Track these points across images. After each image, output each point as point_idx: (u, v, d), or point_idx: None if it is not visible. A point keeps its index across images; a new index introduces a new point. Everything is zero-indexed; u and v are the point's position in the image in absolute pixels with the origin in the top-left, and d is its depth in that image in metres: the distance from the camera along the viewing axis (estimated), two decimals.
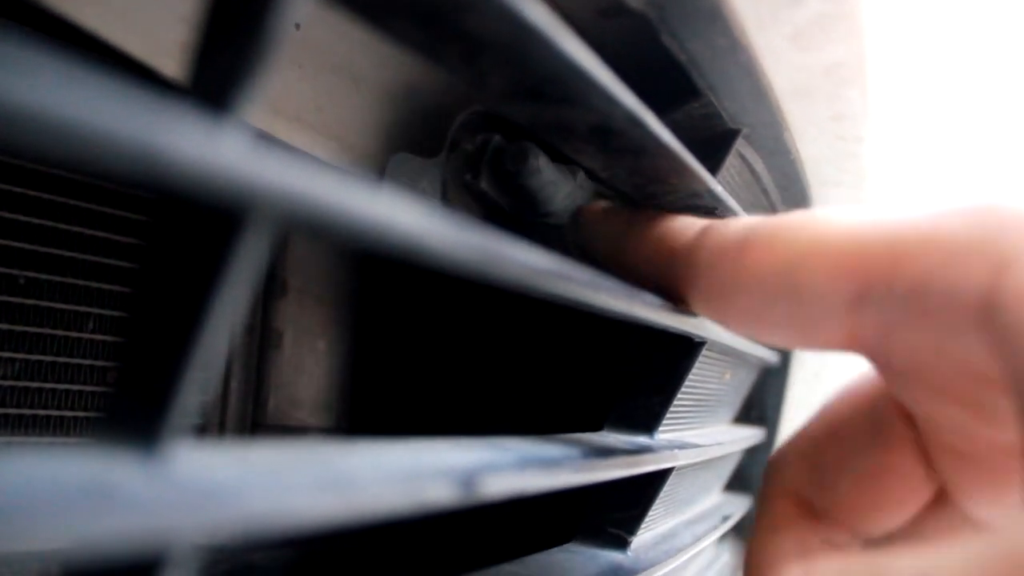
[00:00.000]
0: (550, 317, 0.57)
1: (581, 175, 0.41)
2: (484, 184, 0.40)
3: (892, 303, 0.23)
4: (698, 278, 0.29)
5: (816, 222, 0.25)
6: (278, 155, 0.15)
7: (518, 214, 0.41)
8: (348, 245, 0.18)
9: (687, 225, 0.31)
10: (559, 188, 0.40)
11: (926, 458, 0.26)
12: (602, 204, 0.38)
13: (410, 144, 0.43)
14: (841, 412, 0.29)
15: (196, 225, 0.15)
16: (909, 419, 0.27)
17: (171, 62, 0.32)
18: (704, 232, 0.29)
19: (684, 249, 0.30)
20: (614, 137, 0.29)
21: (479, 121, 0.43)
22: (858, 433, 0.28)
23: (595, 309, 0.27)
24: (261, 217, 0.15)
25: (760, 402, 0.65)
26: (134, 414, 0.16)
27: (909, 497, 0.27)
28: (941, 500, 0.27)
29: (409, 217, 0.17)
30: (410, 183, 0.39)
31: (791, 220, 0.26)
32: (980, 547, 0.18)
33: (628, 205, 0.35)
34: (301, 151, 0.16)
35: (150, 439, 0.16)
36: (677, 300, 0.31)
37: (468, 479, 0.21)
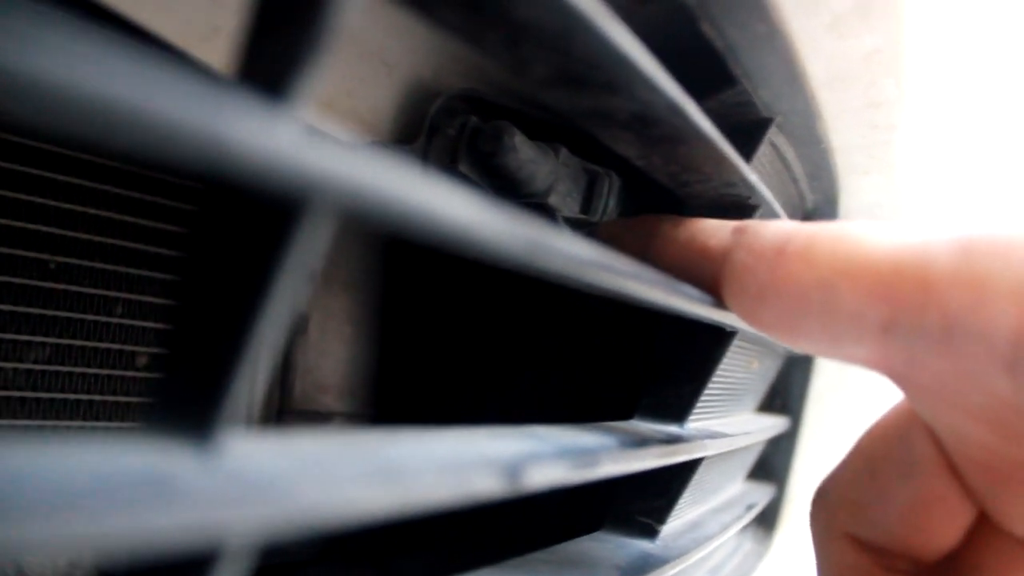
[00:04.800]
0: (580, 304, 0.57)
1: (564, 152, 0.40)
2: (463, 167, 0.39)
3: (921, 335, 0.23)
4: (732, 280, 0.29)
5: (852, 238, 0.25)
6: (334, 145, 0.14)
7: (501, 196, 0.41)
8: (399, 235, 0.18)
9: (719, 226, 0.31)
10: (539, 166, 0.39)
11: (960, 480, 0.26)
12: (617, 220, 0.38)
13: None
14: (874, 447, 0.29)
15: (253, 214, 0.15)
16: (940, 446, 0.27)
17: (206, 46, 0.32)
18: (739, 233, 0.29)
19: (718, 249, 0.30)
20: (653, 125, 0.29)
21: (459, 105, 0.43)
22: (893, 466, 0.28)
23: (635, 300, 0.26)
24: (318, 207, 0.15)
25: (784, 390, 0.65)
26: (188, 403, 0.16)
27: (950, 521, 0.27)
28: (986, 523, 0.27)
29: (462, 208, 0.17)
30: None
31: (828, 232, 0.26)
32: None
33: (646, 215, 0.35)
34: (355, 140, 0.15)
35: (204, 429, 0.15)
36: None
37: (513, 470, 0.21)
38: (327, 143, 0.14)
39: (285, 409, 0.48)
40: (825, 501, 0.30)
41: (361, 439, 0.20)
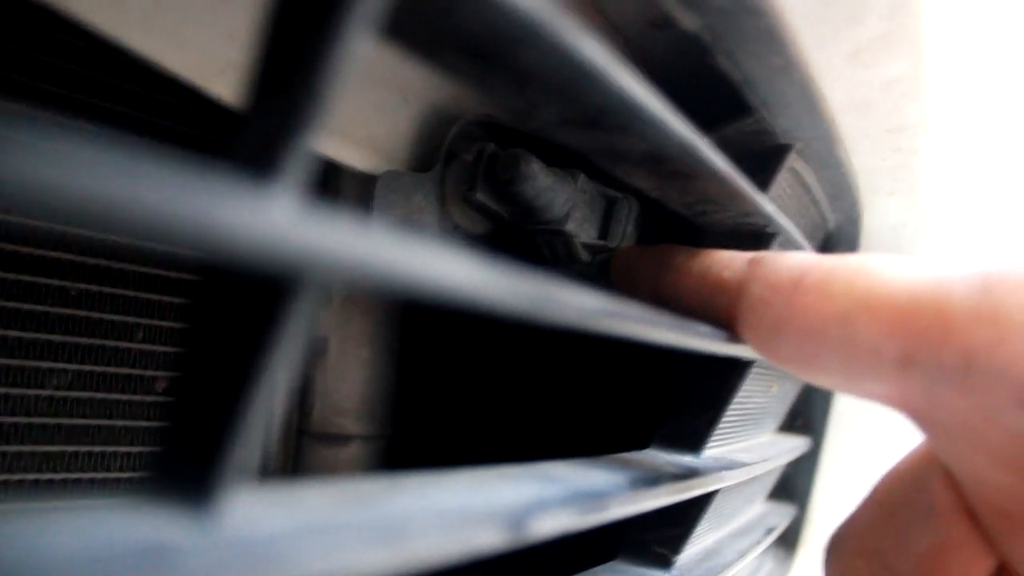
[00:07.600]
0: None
1: (582, 178, 0.40)
2: (480, 195, 0.39)
3: (940, 371, 0.22)
4: (748, 312, 0.28)
5: (870, 272, 0.25)
6: (329, 220, 0.14)
7: (518, 223, 0.41)
8: (403, 301, 0.18)
9: (733, 257, 0.30)
10: (557, 194, 0.39)
11: (980, 527, 0.26)
12: (633, 247, 0.38)
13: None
14: (891, 493, 0.28)
15: (247, 291, 0.15)
16: (958, 490, 0.26)
17: (220, 81, 0.32)
18: (755, 264, 0.29)
19: (733, 281, 0.29)
20: (666, 162, 0.28)
21: (476, 131, 0.43)
22: (911, 512, 0.27)
23: (648, 344, 0.26)
24: (313, 283, 0.15)
25: (805, 410, 0.64)
26: (187, 467, 0.16)
27: (969, 570, 0.26)
28: (1008, 574, 0.27)
29: (463, 272, 0.17)
30: (403, 199, 0.38)
31: (846, 265, 0.25)
32: None
33: (660, 244, 0.35)
34: (351, 211, 0.15)
35: (203, 493, 0.16)
36: (724, 329, 0.30)
37: (518, 520, 0.21)
38: (321, 219, 0.14)
39: (303, 432, 0.48)
40: (840, 549, 0.29)
41: (364, 491, 0.20)
